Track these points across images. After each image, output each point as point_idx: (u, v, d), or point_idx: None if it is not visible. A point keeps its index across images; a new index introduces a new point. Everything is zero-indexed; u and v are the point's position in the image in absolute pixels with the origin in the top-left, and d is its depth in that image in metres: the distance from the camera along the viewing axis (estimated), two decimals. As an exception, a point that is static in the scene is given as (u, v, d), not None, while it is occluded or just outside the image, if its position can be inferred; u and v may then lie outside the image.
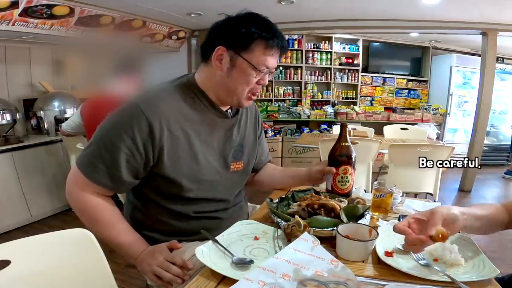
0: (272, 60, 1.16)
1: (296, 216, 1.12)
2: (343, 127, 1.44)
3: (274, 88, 6.17)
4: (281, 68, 6.18)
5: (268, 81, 1.27)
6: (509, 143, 6.56)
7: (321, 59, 6.31)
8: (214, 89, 1.22)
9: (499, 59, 6.16)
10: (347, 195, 1.41)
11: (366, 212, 1.22)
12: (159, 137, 1.11)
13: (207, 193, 1.27)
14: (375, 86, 6.72)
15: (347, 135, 1.43)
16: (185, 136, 1.17)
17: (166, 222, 1.27)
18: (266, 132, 5.42)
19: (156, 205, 1.26)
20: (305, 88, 6.30)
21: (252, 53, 1.12)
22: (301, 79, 6.26)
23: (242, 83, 1.16)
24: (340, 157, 1.41)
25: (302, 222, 1.07)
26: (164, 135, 1.12)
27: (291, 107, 6.19)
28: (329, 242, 1.06)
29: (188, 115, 1.19)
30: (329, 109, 6.28)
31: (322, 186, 1.48)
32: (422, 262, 0.97)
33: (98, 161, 1.10)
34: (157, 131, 1.10)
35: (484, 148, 5.27)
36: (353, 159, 1.42)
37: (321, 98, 6.49)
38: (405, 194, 1.65)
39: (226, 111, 1.30)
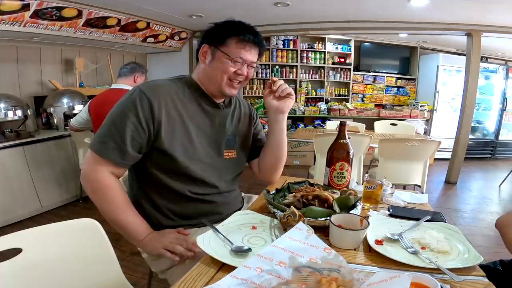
0: (247, 54, 1.27)
1: (292, 206, 1.11)
2: (342, 126, 1.44)
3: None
4: (277, 67, 6.16)
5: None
6: (493, 138, 6.58)
7: (315, 59, 6.30)
8: (202, 81, 1.33)
9: (483, 58, 6.15)
10: None
11: (358, 203, 1.22)
12: (158, 114, 1.20)
13: (202, 173, 1.31)
14: (366, 84, 6.70)
15: (346, 133, 1.43)
16: (180, 118, 1.26)
17: (164, 206, 1.31)
18: (263, 127, 5.40)
19: (156, 184, 1.28)
20: (300, 86, 6.28)
21: (228, 47, 1.25)
22: (296, 77, 6.24)
23: (220, 71, 1.27)
24: (338, 154, 1.41)
25: (297, 212, 1.07)
26: (162, 113, 1.21)
27: (287, 104, 6.16)
28: (322, 231, 1.06)
29: (184, 103, 1.29)
30: (322, 105, 6.28)
31: (317, 178, 1.47)
32: (410, 250, 0.97)
33: (108, 139, 1.17)
34: (156, 109, 1.19)
35: (469, 142, 5.27)
36: (351, 156, 1.41)
37: (315, 95, 6.48)
38: (394, 186, 1.66)
39: (219, 103, 1.39)
